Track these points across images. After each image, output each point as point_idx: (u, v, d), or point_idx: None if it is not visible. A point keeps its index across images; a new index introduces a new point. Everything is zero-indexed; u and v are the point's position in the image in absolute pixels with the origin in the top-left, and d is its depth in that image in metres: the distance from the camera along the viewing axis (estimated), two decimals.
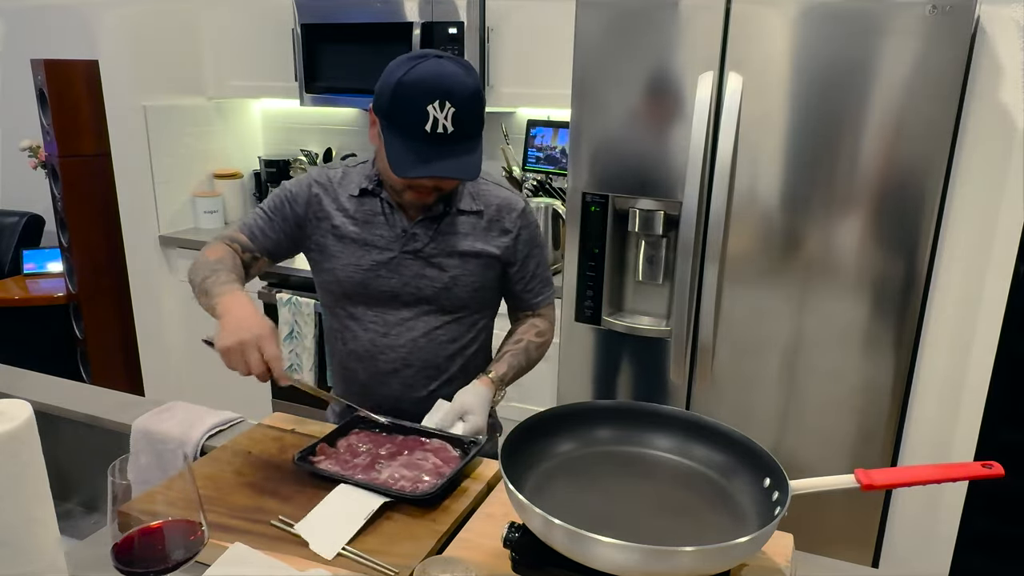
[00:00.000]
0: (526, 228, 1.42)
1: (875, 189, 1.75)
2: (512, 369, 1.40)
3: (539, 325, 1.49)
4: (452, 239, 1.36)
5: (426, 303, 1.37)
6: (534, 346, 1.46)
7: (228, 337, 1.14)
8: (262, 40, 2.92)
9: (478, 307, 1.43)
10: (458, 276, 1.37)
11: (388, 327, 1.38)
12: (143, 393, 3.19)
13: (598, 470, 1.08)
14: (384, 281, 1.36)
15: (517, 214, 1.40)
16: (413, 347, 1.38)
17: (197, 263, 1.33)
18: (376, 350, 1.39)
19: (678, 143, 1.90)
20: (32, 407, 0.80)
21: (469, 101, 1.20)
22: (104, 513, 1.26)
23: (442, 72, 1.19)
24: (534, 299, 1.49)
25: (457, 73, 1.20)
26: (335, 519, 1.03)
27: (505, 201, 1.40)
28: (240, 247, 1.39)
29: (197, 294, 1.28)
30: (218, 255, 1.33)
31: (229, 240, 1.39)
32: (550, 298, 1.51)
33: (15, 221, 3.76)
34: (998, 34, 1.66)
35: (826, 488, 0.93)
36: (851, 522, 1.98)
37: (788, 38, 1.75)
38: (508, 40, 2.51)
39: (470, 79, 1.21)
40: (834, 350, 1.88)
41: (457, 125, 1.19)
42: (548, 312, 1.52)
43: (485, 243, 1.38)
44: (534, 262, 1.45)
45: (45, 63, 2.93)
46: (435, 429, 1.26)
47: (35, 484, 0.79)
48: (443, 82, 1.18)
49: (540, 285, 1.48)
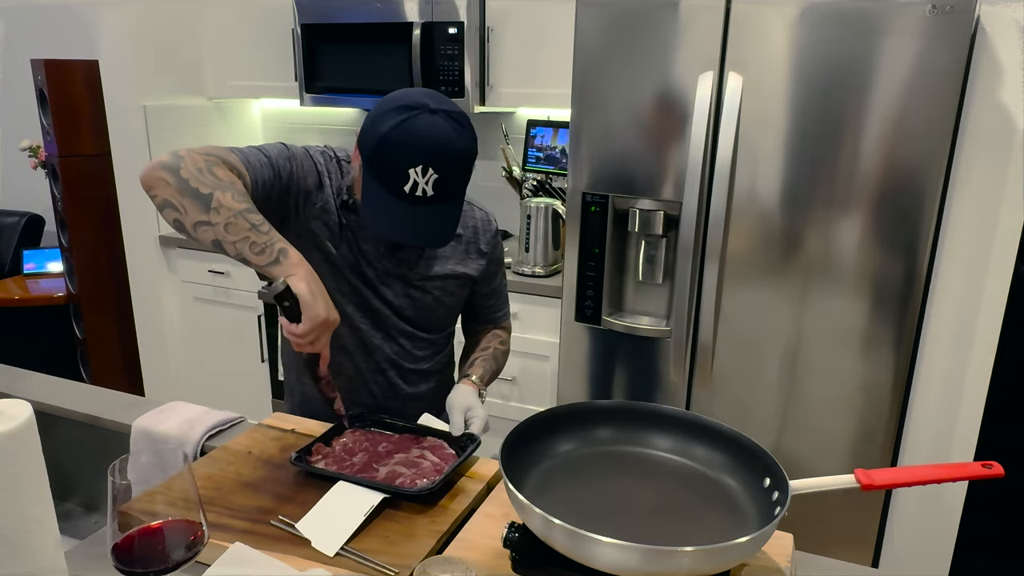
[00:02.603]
0: (497, 247, 1.46)
1: (875, 189, 1.75)
2: (487, 372, 1.43)
3: (501, 335, 1.54)
4: (434, 263, 1.37)
5: (408, 323, 1.39)
6: (500, 353, 1.50)
7: (323, 312, 1.03)
8: (262, 40, 2.92)
9: (452, 323, 1.49)
10: (440, 298, 1.39)
11: (370, 335, 1.38)
12: (143, 393, 3.19)
13: (598, 470, 1.08)
14: (368, 299, 1.35)
15: (491, 235, 1.44)
16: (389, 359, 1.40)
17: (201, 168, 1.06)
18: (365, 349, 1.39)
19: (678, 143, 1.90)
20: (32, 407, 0.80)
21: (455, 167, 1.14)
22: (104, 513, 1.26)
23: (433, 135, 1.11)
24: (495, 314, 1.53)
25: (448, 136, 1.12)
26: (336, 516, 1.03)
27: (481, 223, 1.43)
28: (237, 175, 1.12)
29: (213, 206, 1.04)
30: (231, 177, 1.09)
31: (230, 167, 1.11)
32: (507, 312, 1.57)
33: (15, 221, 3.75)
34: (998, 34, 1.66)
35: (826, 488, 0.93)
36: (851, 522, 1.98)
37: (788, 38, 1.75)
38: (508, 40, 2.51)
39: (462, 142, 1.14)
40: (834, 350, 1.88)
41: (438, 189, 1.13)
42: (507, 324, 1.58)
43: (464, 265, 1.41)
44: (499, 278, 1.50)
45: (45, 63, 2.93)
46: (431, 427, 1.27)
47: (35, 484, 0.79)
48: (430, 147, 1.11)
49: (501, 301, 1.53)
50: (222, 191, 1.05)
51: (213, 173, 1.06)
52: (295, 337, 1.06)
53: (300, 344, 1.06)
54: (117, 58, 2.86)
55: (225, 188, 1.06)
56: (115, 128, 2.94)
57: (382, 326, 1.37)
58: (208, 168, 1.06)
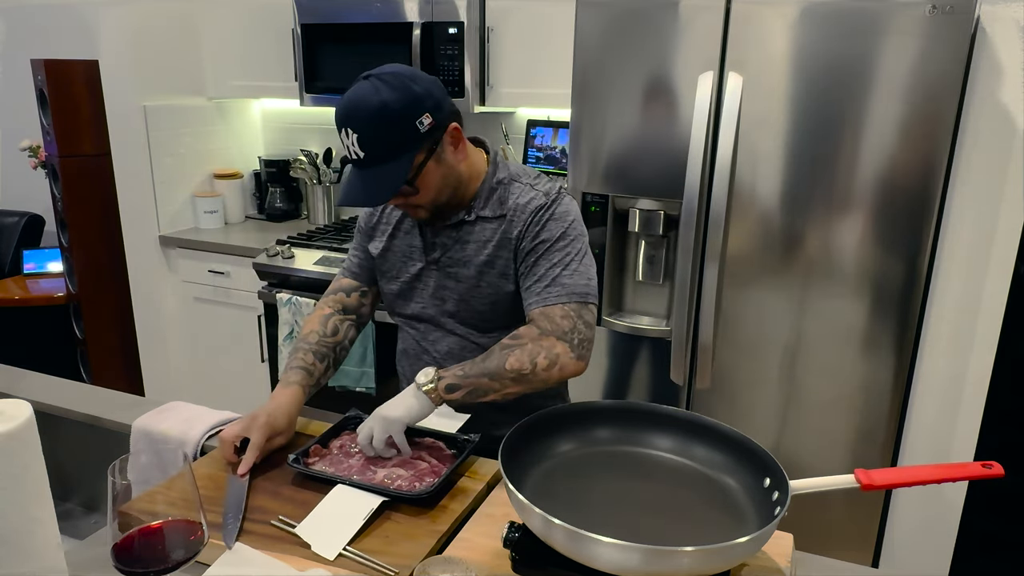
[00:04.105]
0: (535, 226, 1.25)
1: (875, 189, 1.75)
2: (464, 375, 1.17)
3: (519, 330, 1.22)
4: (467, 248, 1.29)
5: (449, 316, 1.34)
6: (499, 346, 1.20)
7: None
8: (262, 40, 2.92)
9: (504, 321, 1.29)
10: (473, 287, 1.29)
11: (426, 332, 1.38)
12: (143, 393, 3.19)
13: (598, 470, 1.08)
14: (417, 293, 1.36)
15: (529, 214, 1.25)
16: (448, 356, 1.34)
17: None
18: (420, 350, 1.39)
19: (678, 143, 1.90)
20: (32, 407, 0.80)
21: (369, 124, 1.14)
22: (104, 513, 1.26)
23: (349, 97, 1.15)
24: (528, 300, 1.25)
25: (362, 96, 1.14)
26: (335, 519, 1.03)
27: (523, 202, 1.26)
28: (344, 293, 1.43)
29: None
30: (311, 326, 1.38)
31: (333, 292, 1.43)
32: (549, 300, 1.21)
33: (15, 221, 3.75)
34: (998, 34, 1.66)
35: (826, 488, 0.93)
36: (851, 522, 1.98)
37: (788, 38, 1.75)
38: (508, 40, 2.51)
39: (376, 97, 1.13)
40: (834, 350, 1.87)
41: (366, 149, 1.15)
42: (538, 316, 1.21)
43: (499, 251, 1.27)
44: (545, 264, 1.24)
45: (45, 63, 2.93)
46: (430, 428, 1.26)
47: (35, 484, 0.79)
48: (345, 108, 1.15)
49: (544, 287, 1.22)
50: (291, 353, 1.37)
51: (300, 337, 1.38)
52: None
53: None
54: (117, 58, 2.85)
55: (293, 351, 1.36)
56: (115, 128, 2.94)
57: (433, 315, 1.40)
58: (300, 337, 1.38)
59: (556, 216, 1.26)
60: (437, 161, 1.20)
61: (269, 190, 3.28)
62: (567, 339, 1.18)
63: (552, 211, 1.26)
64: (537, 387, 1.18)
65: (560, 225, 1.25)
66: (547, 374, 1.17)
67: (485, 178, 1.29)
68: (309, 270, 2.60)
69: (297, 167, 3.11)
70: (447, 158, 1.22)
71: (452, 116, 1.21)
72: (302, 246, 2.73)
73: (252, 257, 2.75)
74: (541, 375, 1.16)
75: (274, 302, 2.67)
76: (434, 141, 1.19)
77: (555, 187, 1.30)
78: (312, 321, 1.39)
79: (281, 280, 2.70)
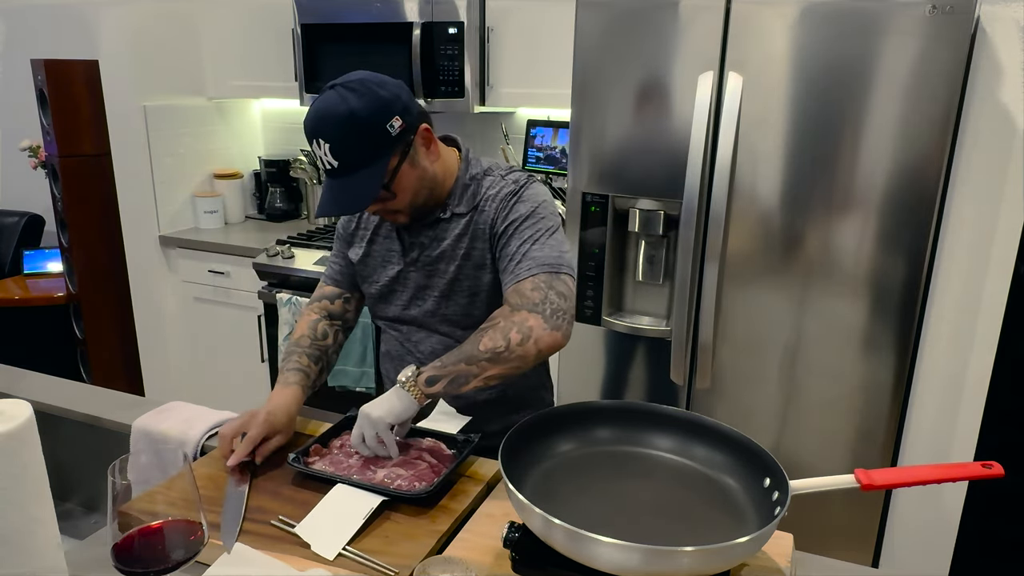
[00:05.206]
0: (505, 210, 1.26)
1: (875, 189, 1.75)
2: (442, 366, 1.15)
3: (494, 312, 1.20)
4: (443, 244, 1.30)
5: (430, 316, 1.35)
6: (475, 332, 1.17)
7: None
8: (262, 40, 2.92)
9: (486, 316, 1.25)
10: (452, 282, 1.31)
11: (409, 334, 1.39)
12: (143, 393, 3.19)
13: (598, 470, 1.08)
14: (397, 295, 1.37)
15: (499, 201, 1.27)
16: (432, 357, 1.31)
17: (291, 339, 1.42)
18: (403, 351, 1.40)
19: (678, 143, 1.90)
20: (32, 407, 0.80)
21: (339, 132, 1.14)
22: (104, 513, 1.26)
23: (316, 107, 1.15)
24: (504, 282, 1.23)
25: (329, 105, 1.14)
26: (335, 519, 1.03)
27: (493, 192, 1.28)
28: (328, 300, 1.44)
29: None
30: (300, 331, 1.40)
31: (317, 299, 1.44)
32: (520, 275, 1.19)
33: (15, 221, 3.75)
34: (998, 34, 1.66)
35: (826, 488, 0.93)
36: (851, 522, 1.98)
37: (788, 38, 1.75)
38: (508, 40, 2.51)
39: (344, 105, 1.12)
40: (834, 350, 1.87)
41: (339, 158, 1.15)
42: (511, 294, 1.19)
43: (474, 243, 1.29)
44: (515, 242, 1.23)
45: (45, 63, 2.93)
46: (429, 428, 1.27)
47: (35, 484, 0.79)
48: (313, 120, 1.15)
49: (515, 264, 1.21)
50: (285, 357, 1.39)
51: (292, 341, 1.41)
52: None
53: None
54: (117, 58, 2.85)
55: (287, 355, 1.38)
56: (115, 128, 2.94)
57: (415, 315, 1.42)
58: (291, 341, 1.41)
59: (524, 198, 1.27)
60: (411, 163, 1.21)
61: (269, 190, 3.28)
62: (538, 310, 1.14)
63: (520, 195, 1.28)
64: (517, 365, 1.14)
65: (528, 206, 1.26)
66: (523, 349, 1.13)
67: (459, 175, 1.31)
68: (309, 270, 2.60)
69: (297, 167, 3.11)
70: (420, 159, 1.23)
71: (421, 117, 1.22)
72: (302, 246, 2.73)
73: (252, 257, 2.75)
74: (516, 351, 1.12)
75: (274, 302, 2.67)
76: (406, 144, 1.19)
77: (524, 176, 1.32)
78: (301, 326, 1.41)
79: (281, 280, 2.70)
